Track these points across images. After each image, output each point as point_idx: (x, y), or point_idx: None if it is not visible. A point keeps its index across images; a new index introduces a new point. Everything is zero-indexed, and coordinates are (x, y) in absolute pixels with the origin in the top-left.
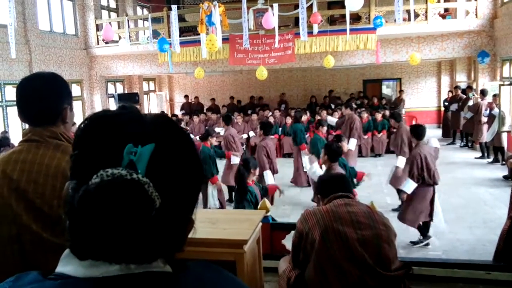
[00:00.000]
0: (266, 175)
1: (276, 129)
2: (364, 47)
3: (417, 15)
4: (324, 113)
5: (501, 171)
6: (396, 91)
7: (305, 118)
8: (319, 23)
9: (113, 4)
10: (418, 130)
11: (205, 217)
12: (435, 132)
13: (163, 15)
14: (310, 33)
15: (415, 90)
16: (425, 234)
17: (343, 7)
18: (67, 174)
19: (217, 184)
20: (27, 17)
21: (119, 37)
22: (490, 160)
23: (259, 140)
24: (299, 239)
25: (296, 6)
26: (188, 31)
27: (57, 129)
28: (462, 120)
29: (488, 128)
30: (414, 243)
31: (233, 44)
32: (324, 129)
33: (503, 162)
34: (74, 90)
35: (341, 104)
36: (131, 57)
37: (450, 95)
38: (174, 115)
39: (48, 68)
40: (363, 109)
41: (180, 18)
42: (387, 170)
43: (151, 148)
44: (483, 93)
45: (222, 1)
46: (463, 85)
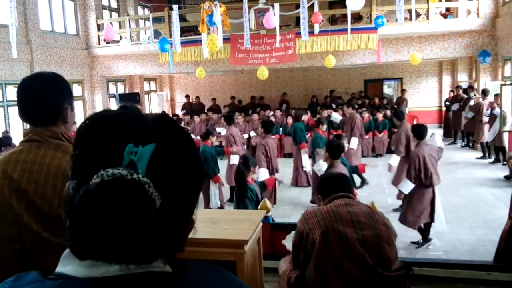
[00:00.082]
0: (260, 172)
1: (277, 129)
2: (365, 47)
3: (418, 15)
4: (325, 113)
5: (502, 171)
6: (398, 91)
7: (306, 117)
8: (320, 22)
9: (114, 4)
10: (419, 130)
11: (205, 217)
12: (436, 132)
13: (164, 15)
14: (311, 32)
15: (416, 90)
16: (425, 236)
17: (344, 7)
18: (67, 174)
19: (219, 183)
20: (29, 17)
21: (120, 37)
22: (491, 160)
23: (260, 139)
24: (299, 239)
25: (297, 6)
26: (189, 31)
27: (58, 129)
28: (464, 120)
29: (490, 128)
30: (416, 244)
31: (234, 44)
32: (324, 127)
33: (504, 162)
34: (75, 90)
35: (342, 104)
36: (132, 57)
37: (452, 94)
38: (175, 115)
39: (49, 68)
40: (364, 109)
41: (181, 18)
42: (387, 170)
43: (151, 148)
44: (484, 93)
45: (223, 0)
46: (464, 85)
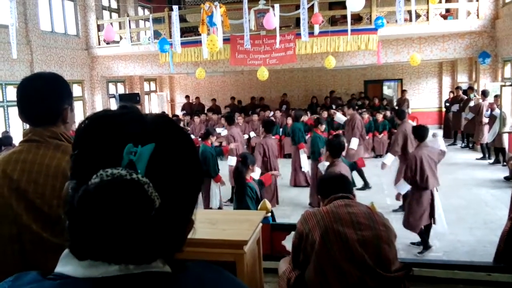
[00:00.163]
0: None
1: (277, 130)
2: (365, 48)
3: (418, 16)
4: (325, 113)
5: (502, 172)
6: (397, 91)
7: (306, 118)
8: (320, 23)
9: (114, 5)
10: (419, 132)
11: (205, 218)
12: (433, 131)
13: (164, 16)
14: (311, 33)
15: (416, 91)
16: (426, 243)
17: (344, 8)
18: (67, 174)
19: (221, 183)
20: (29, 17)
21: (120, 38)
22: (491, 161)
23: (261, 138)
24: (299, 240)
25: (297, 7)
26: (189, 31)
27: (57, 129)
28: (463, 121)
29: (489, 129)
30: (416, 245)
31: (234, 45)
32: (322, 127)
33: (504, 163)
34: (75, 90)
35: (342, 105)
36: (132, 57)
37: (451, 95)
38: (175, 116)
39: (49, 68)
40: (364, 109)
41: (181, 19)
42: (387, 170)
43: (151, 148)
44: (484, 94)
45: (223, 1)
46: (464, 86)
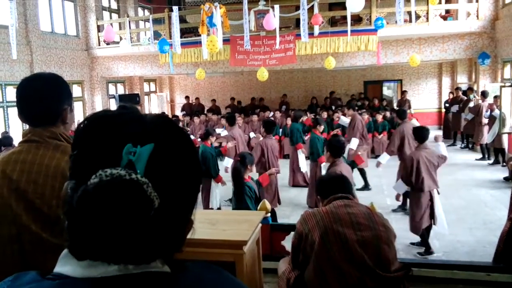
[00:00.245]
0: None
1: (277, 130)
2: (365, 49)
3: (418, 17)
4: (325, 114)
5: (501, 172)
6: (397, 92)
7: (305, 118)
8: (320, 24)
9: (114, 5)
10: (420, 133)
11: (204, 218)
12: (436, 134)
13: (164, 16)
14: (311, 34)
15: (416, 92)
16: (428, 245)
17: (344, 9)
18: (66, 174)
19: (221, 183)
20: (29, 18)
21: (120, 38)
22: (491, 161)
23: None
24: (298, 240)
25: (297, 8)
26: (189, 32)
27: (57, 130)
28: (463, 122)
29: (489, 129)
30: (416, 246)
31: (234, 45)
32: (321, 128)
33: (504, 164)
34: (75, 91)
35: (342, 106)
36: (132, 58)
37: (451, 96)
38: (174, 116)
39: (49, 69)
40: (364, 110)
41: (181, 19)
42: (387, 171)
43: (150, 148)
44: (484, 94)
45: (223, 2)
46: (464, 87)
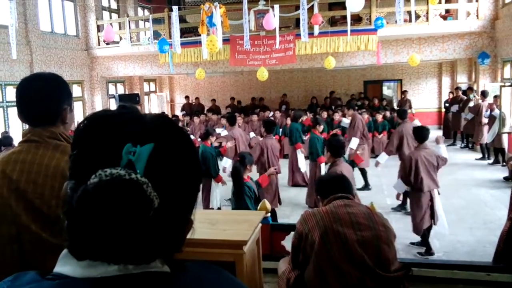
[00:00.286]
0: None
1: (277, 130)
2: (365, 48)
3: (418, 16)
4: (325, 114)
5: (501, 172)
6: (397, 92)
7: (305, 118)
8: (320, 24)
9: (114, 5)
10: (420, 133)
11: (204, 218)
12: (436, 134)
13: (164, 16)
14: (311, 34)
15: (416, 91)
16: (429, 246)
17: (344, 8)
18: (66, 174)
19: (222, 183)
20: (28, 18)
21: (120, 38)
22: (491, 161)
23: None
24: (298, 240)
25: (297, 7)
26: (189, 32)
27: (56, 130)
28: (463, 121)
29: (489, 129)
30: (416, 246)
31: (234, 45)
32: (320, 127)
33: (504, 163)
34: (75, 91)
35: (342, 105)
36: (132, 58)
37: (451, 96)
38: (174, 116)
39: (49, 69)
40: (364, 110)
41: (181, 19)
42: (387, 171)
43: (150, 148)
44: (483, 94)
45: (223, 2)
46: (463, 86)
